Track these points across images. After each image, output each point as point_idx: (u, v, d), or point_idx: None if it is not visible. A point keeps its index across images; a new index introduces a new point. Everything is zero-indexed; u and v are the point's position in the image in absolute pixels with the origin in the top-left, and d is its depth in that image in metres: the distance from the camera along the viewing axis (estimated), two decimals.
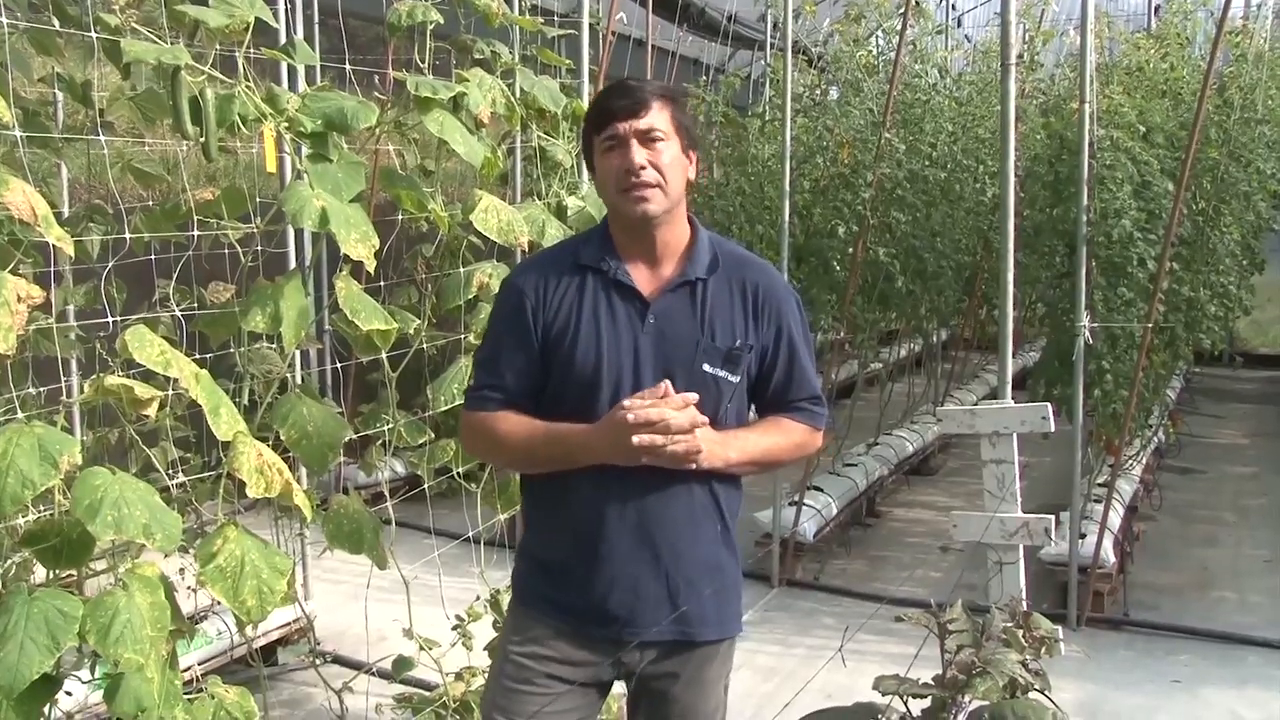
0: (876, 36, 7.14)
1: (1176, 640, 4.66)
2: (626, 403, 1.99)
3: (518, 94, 3.34)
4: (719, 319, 2.12)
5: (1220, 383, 10.41)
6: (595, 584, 2.10)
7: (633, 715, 2.29)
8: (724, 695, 2.28)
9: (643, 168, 2.04)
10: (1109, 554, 4.85)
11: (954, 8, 10.12)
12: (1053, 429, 3.83)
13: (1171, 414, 7.38)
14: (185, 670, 3.00)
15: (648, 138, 2.06)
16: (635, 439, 1.96)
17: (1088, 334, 4.60)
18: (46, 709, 2.00)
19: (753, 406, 2.25)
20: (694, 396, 2.01)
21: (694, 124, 2.22)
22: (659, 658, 2.15)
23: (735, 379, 2.11)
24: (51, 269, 3.35)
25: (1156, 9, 8.04)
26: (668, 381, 2.02)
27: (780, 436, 2.20)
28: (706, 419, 2.03)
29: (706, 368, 2.09)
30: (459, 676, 3.47)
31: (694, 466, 2.02)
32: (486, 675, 3.38)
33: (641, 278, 2.12)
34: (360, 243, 2.46)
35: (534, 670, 2.14)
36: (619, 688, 2.29)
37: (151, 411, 2.06)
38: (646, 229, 2.10)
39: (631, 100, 2.06)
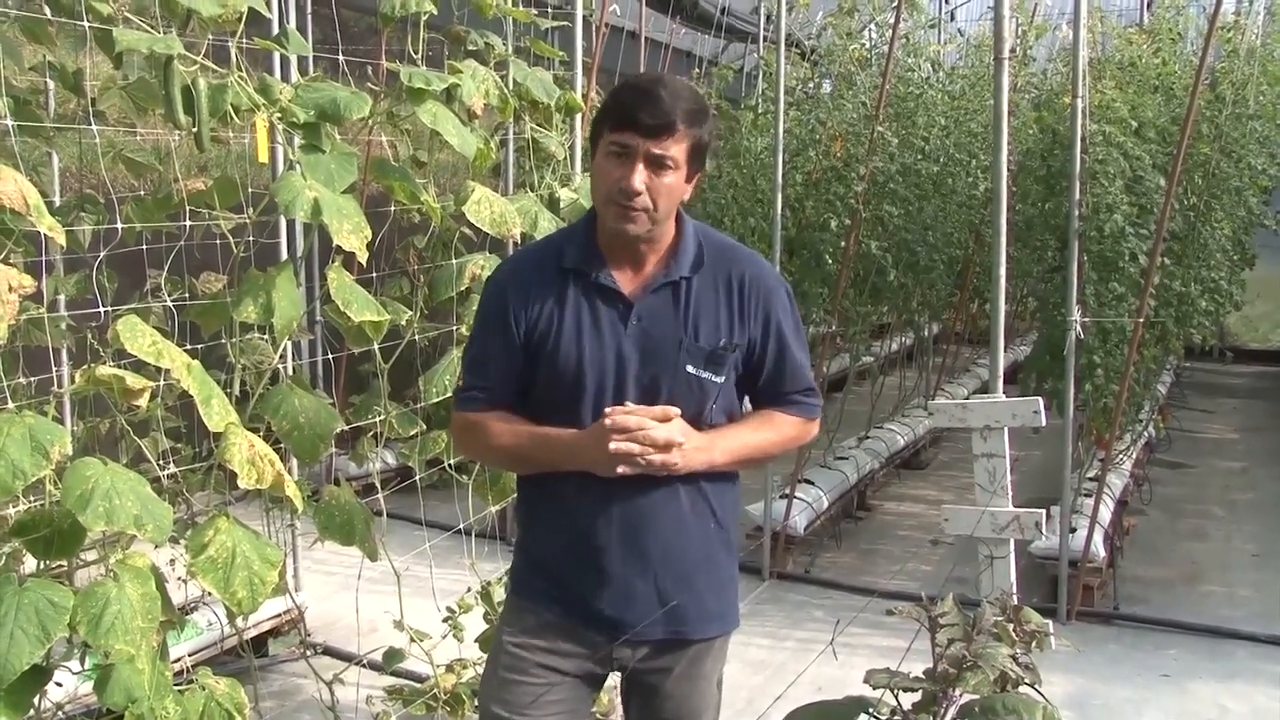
0: (869, 30, 7.14)
1: (1165, 634, 4.68)
2: (608, 410, 1.99)
3: (511, 85, 3.33)
4: (703, 318, 2.09)
5: (1210, 377, 10.44)
6: (586, 586, 2.10)
7: (626, 708, 2.29)
8: (717, 690, 2.27)
9: (638, 193, 1.98)
10: (1099, 548, 4.86)
11: (947, 1, 10.12)
12: (1044, 423, 3.83)
13: (1161, 409, 7.40)
14: (175, 661, 3.00)
15: (657, 163, 1.99)
16: (612, 445, 1.95)
17: (1079, 328, 4.61)
18: (36, 699, 2.00)
19: (746, 398, 2.24)
20: (676, 411, 2.01)
21: (714, 138, 2.16)
22: (651, 654, 2.15)
23: (719, 379, 2.09)
24: (43, 258, 3.33)
25: (1149, 4, 8.05)
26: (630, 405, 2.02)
27: (770, 432, 2.18)
28: (683, 440, 2.01)
29: (690, 369, 2.07)
30: (450, 668, 3.47)
31: (673, 472, 2.02)
32: (482, 667, 3.40)
33: (624, 278, 2.10)
34: (352, 234, 2.45)
35: (528, 660, 2.14)
36: (612, 678, 2.28)
37: (143, 402, 2.06)
38: (626, 240, 2.08)
39: (658, 121, 1.96)
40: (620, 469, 1.98)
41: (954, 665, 2.02)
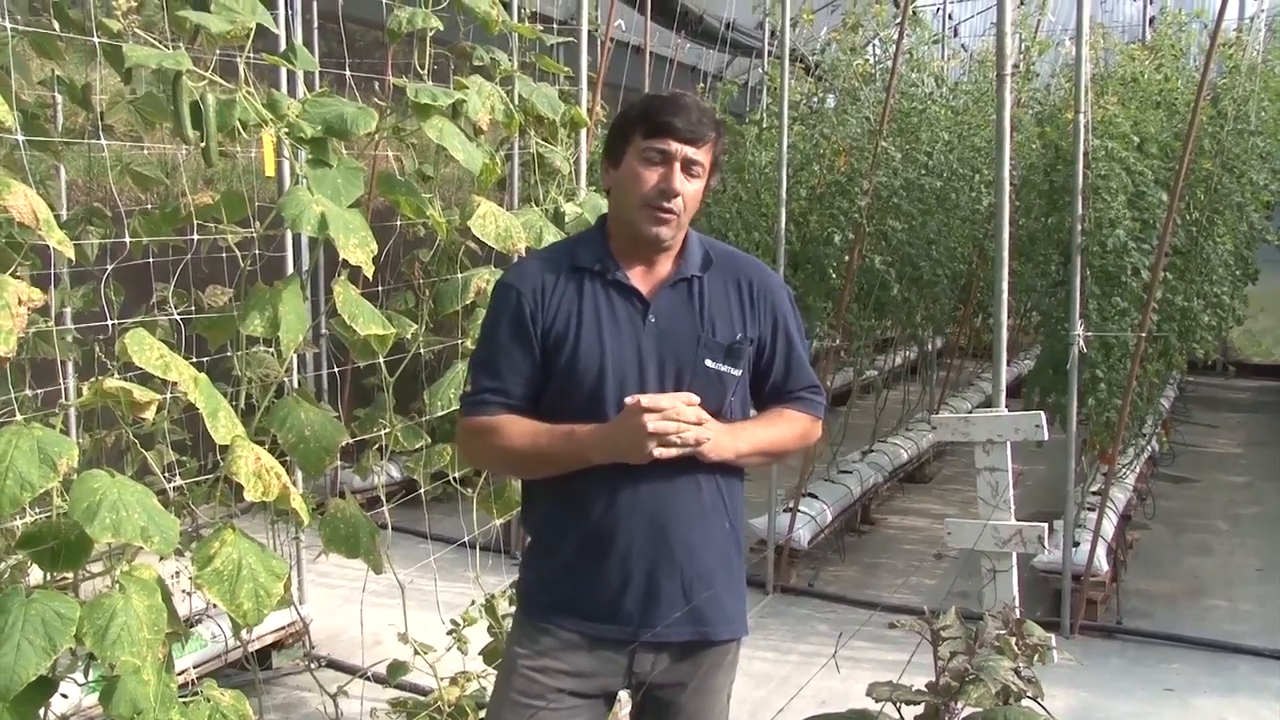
0: (873, 45, 7.18)
1: (1168, 648, 4.68)
2: (634, 396, 2.01)
3: (516, 101, 3.34)
4: (718, 314, 2.14)
5: (1213, 392, 10.44)
6: (610, 581, 2.09)
7: None
8: (727, 704, 2.28)
9: (678, 195, 2.06)
10: (1102, 562, 4.86)
11: (950, 17, 10.17)
12: (1046, 437, 3.84)
13: (1165, 423, 7.41)
14: (180, 673, 3.00)
15: (690, 169, 2.08)
16: (652, 425, 1.96)
17: (1082, 343, 4.62)
18: (42, 711, 2.01)
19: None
20: (695, 398, 2.03)
21: (723, 153, 2.22)
22: (671, 662, 2.14)
23: (738, 373, 2.14)
24: (52, 271, 3.35)
25: (1151, 20, 8.08)
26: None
27: (785, 427, 2.22)
28: (708, 416, 2.04)
29: (709, 363, 2.11)
30: (454, 681, 3.47)
31: (705, 454, 2.04)
32: (485, 680, 3.40)
33: (638, 277, 2.14)
34: (359, 248, 2.46)
35: (545, 685, 2.12)
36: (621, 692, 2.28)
37: (149, 414, 2.07)
38: (651, 246, 2.13)
39: (693, 126, 2.06)
40: (658, 451, 1.98)
41: (956, 678, 2.03)
